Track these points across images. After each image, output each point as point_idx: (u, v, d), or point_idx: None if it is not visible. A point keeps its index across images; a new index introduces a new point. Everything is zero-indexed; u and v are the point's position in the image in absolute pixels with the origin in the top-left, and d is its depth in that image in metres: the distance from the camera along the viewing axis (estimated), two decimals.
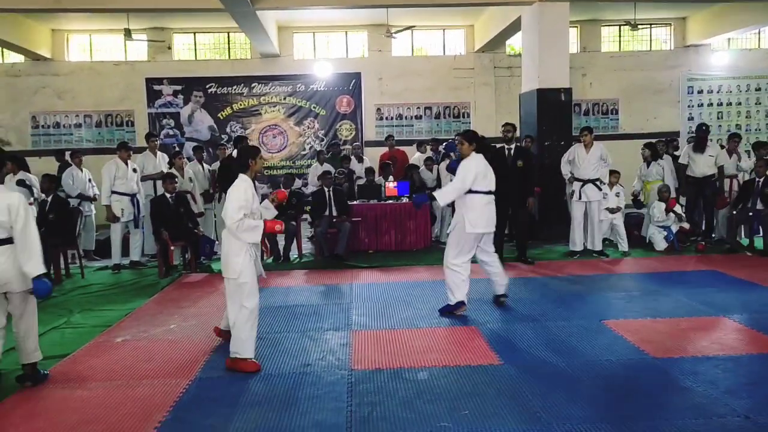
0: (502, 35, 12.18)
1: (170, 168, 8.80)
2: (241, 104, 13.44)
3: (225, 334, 4.83)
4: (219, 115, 13.40)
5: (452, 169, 6.05)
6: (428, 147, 10.84)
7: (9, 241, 4.09)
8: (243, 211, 4.35)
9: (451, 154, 9.38)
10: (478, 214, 5.59)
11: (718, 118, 13.92)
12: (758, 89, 14.18)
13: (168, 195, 8.08)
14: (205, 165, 9.73)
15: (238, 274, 4.33)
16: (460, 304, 5.66)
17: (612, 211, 8.45)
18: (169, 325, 5.66)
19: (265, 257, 7.44)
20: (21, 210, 4.07)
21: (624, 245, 8.46)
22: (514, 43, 13.85)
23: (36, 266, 4.07)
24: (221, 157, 9.61)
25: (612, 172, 8.57)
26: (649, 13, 13.40)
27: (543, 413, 3.57)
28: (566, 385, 4.01)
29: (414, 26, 12.98)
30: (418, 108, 13.79)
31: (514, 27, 11.05)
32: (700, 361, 4.38)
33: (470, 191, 5.59)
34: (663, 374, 4.18)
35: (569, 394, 3.84)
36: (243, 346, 4.38)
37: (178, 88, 13.28)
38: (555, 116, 9.33)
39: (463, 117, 13.74)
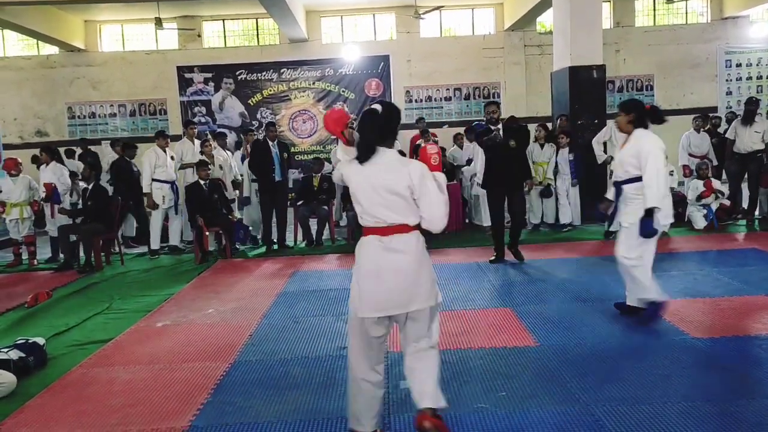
0: (532, 12, 11.99)
1: (201, 155, 8.91)
2: (270, 90, 13.53)
3: None
4: (249, 101, 13.52)
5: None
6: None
7: None
8: None
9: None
10: (669, 201, 4.80)
11: (757, 91, 13.51)
12: None
13: (202, 182, 8.19)
14: (228, 152, 9.61)
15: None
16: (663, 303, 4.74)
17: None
18: (207, 309, 5.76)
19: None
20: None
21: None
22: (545, 21, 13.63)
23: None
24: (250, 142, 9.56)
25: None
26: None
27: (581, 394, 3.55)
28: (604, 366, 3.97)
29: (442, 6, 12.87)
30: (448, 89, 13.70)
31: (545, 4, 10.87)
32: (741, 340, 4.30)
33: None
34: (703, 354, 4.12)
35: (607, 375, 3.81)
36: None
37: (209, 75, 13.43)
38: (588, 94, 9.16)
39: (493, 97, 13.61)
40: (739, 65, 13.77)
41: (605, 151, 8.38)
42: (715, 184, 8.53)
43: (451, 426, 3.28)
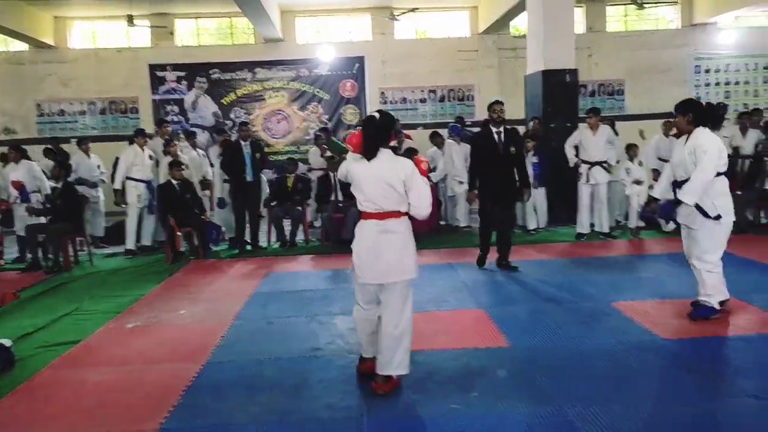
0: (506, 16, 12.09)
1: (165, 155, 8.75)
2: (244, 89, 13.40)
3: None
4: (223, 101, 13.36)
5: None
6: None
7: None
8: None
9: (454, 136, 9.40)
10: (729, 199, 4.73)
11: (725, 97, 13.79)
12: (766, 68, 14.06)
13: (174, 182, 8.09)
14: (199, 150, 9.54)
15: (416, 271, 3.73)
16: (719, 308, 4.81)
17: (638, 182, 8.16)
18: (179, 310, 5.70)
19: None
20: None
21: (632, 221, 8.36)
22: (519, 24, 13.76)
23: None
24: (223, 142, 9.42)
25: (630, 146, 8.39)
26: None
27: (553, 394, 3.59)
28: (576, 367, 4.02)
29: (417, 8, 12.93)
30: (422, 91, 13.75)
31: (519, 7, 10.97)
32: (710, 341, 4.39)
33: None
34: (672, 355, 4.20)
35: (579, 376, 3.85)
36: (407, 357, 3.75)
37: (182, 74, 13.24)
38: (561, 98, 9.26)
39: (468, 100, 13.69)
40: (707, 71, 14.06)
41: (577, 155, 8.48)
42: None
43: (425, 427, 3.29)
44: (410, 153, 10.20)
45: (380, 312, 3.71)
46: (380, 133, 3.62)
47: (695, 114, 4.67)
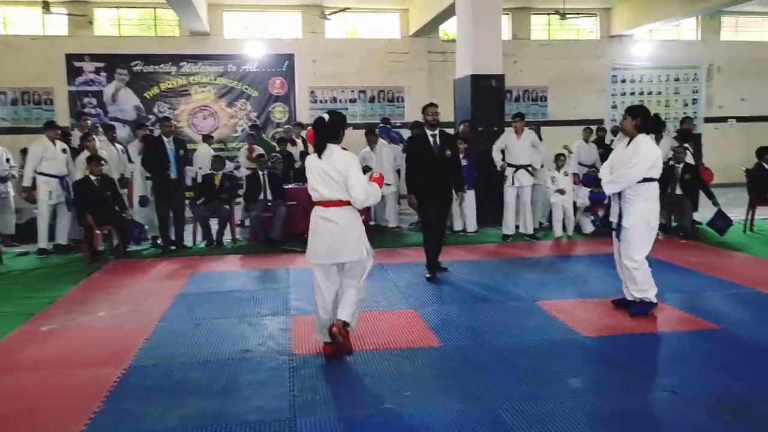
0: (436, 20, 12.27)
1: (82, 151, 8.34)
2: (169, 83, 13.01)
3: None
4: (146, 94, 12.94)
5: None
6: None
7: None
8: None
9: (383, 136, 9.45)
10: (657, 204, 5.06)
11: None
12: (677, 79, 14.92)
13: (93, 177, 7.74)
14: (118, 145, 9.10)
15: (366, 252, 4.30)
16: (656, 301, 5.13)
17: (562, 192, 8.45)
18: (99, 312, 5.45)
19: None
20: None
21: (570, 228, 8.64)
22: (448, 29, 13.99)
23: None
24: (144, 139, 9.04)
25: (558, 155, 8.73)
26: (577, 3, 13.81)
27: (483, 392, 3.66)
28: (503, 364, 4.12)
29: (348, 8, 12.90)
30: (353, 91, 13.75)
31: (449, 12, 11.16)
32: (628, 338, 4.59)
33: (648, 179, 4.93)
34: (593, 352, 4.37)
35: (507, 374, 3.95)
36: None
37: (101, 65, 12.72)
38: (488, 102, 9.48)
39: (398, 101, 13.80)
40: (624, 81, 14.77)
41: (503, 159, 8.69)
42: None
43: (359, 428, 3.28)
44: None
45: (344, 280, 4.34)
46: (328, 132, 4.15)
47: (643, 120, 4.95)
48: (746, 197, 9.13)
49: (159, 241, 8.35)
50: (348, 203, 4.15)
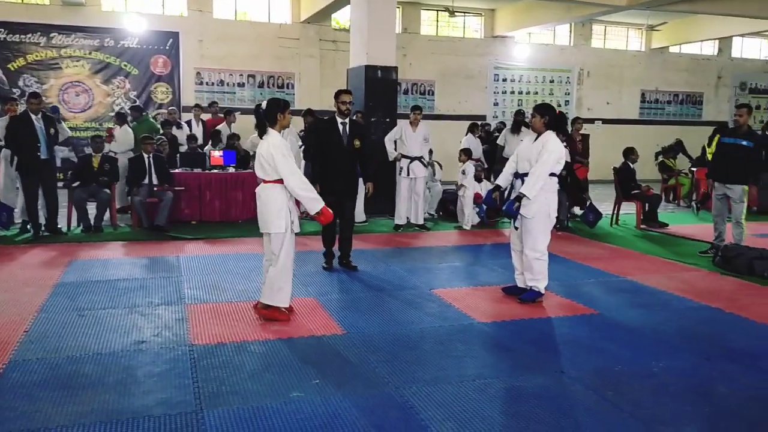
0: (328, 8, 12.21)
1: None
2: (37, 55, 12.00)
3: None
4: (10, 65, 11.84)
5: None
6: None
7: None
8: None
9: None
10: (556, 197, 5.37)
11: (518, 105, 15.32)
12: (551, 81, 15.87)
13: None
14: None
15: (284, 228, 4.64)
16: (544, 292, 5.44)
17: (462, 187, 8.81)
18: None
19: None
20: None
21: (468, 222, 8.92)
22: (340, 18, 13.96)
23: None
24: (10, 114, 8.27)
25: (463, 150, 9.03)
26: (464, 2, 14.28)
27: (390, 377, 3.74)
28: (407, 350, 4.23)
29: None
30: (241, 75, 13.39)
31: (342, 1, 11.13)
32: (519, 323, 4.87)
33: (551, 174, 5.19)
34: (489, 337, 4.59)
35: (411, 359, 4.06)
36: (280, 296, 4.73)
37: None
38: (382, 93, 9.58)
39: (288, 87, 13.60)
40: (505, 80, 15.50)
41: (395, 149, 8.85)
42: (487, 185, 9.48)
43: (269, 416, 3.24)
44: (233, 138, 9.92)
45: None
46: (265, 117, 4.64)
47: (550, 118, 5.23)
48: (613, 193, 9.94)
49: (29, 226, 7.71)
50: (276, 182, 4.58)
